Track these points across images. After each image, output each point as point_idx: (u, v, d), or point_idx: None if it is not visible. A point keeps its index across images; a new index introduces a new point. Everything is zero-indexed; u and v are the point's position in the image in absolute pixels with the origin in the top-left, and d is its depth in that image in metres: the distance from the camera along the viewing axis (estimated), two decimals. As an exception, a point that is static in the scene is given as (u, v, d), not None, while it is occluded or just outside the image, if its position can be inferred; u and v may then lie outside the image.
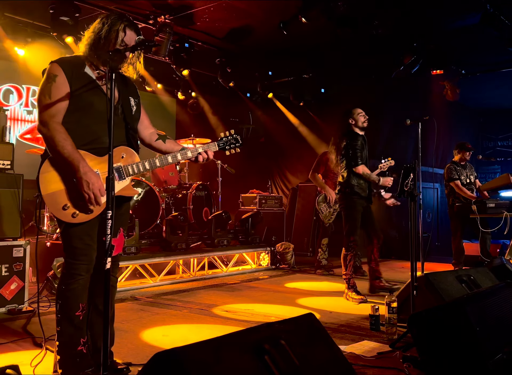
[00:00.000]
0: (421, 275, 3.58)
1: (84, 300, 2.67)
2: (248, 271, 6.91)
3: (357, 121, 4.91)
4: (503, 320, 2.94)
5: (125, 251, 5.42)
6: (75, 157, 2.49)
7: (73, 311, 2.61)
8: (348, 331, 3.68)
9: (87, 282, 2.68)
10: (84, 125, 2.60)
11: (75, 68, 2.62)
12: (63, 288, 2.63)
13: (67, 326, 2.60)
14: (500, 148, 10.89)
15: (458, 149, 6.53)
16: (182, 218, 6.08)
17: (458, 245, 6.31)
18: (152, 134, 2.93)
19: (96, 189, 2.51)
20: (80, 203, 2.55)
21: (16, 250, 4.17)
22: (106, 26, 2.60)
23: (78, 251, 2.62)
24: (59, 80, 2.56)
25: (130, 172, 2.67)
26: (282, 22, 6.60)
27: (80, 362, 2.60)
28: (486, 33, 6.50)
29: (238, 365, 1.78)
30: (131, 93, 2.84)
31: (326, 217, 6.61)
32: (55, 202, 2.53)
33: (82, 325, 2.65)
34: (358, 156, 4.79)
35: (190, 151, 2.80)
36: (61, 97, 2.55)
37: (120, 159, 2.65)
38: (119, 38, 2.60)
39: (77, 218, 2.55)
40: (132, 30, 2.65)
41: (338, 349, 2.24)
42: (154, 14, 6.81)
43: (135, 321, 4.00)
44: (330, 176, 6.67)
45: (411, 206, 3.56)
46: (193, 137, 7.52)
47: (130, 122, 2.76)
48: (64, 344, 2.60)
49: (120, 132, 2.69)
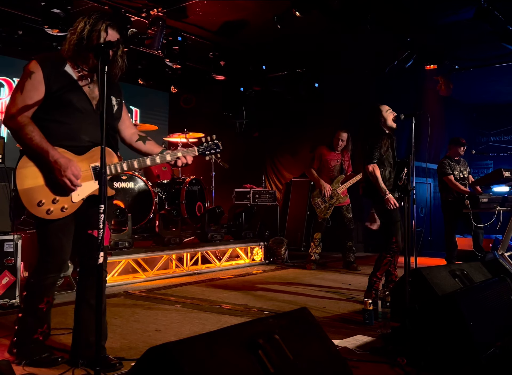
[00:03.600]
0: (415, 269, 3.58)
1: (50, 294, 2.77)
2: (241, 266, 6.90)
3: (387, 120, 4.43)
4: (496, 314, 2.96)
5: (118, 245, 5.40)
6: (43, 146, 2.52)
7: (37, 304, 2.72)
8: (342, 326, 3.69)
9: (57, 279, 2.80)
10: (63, 123, 2.62)
11: (55, 66, 2.63)
12: (32, 282, 2.74)
13: (28, 315, 2.74)
14: (493, 144, 10.93)
15: (452, 144, 6.54)
16: (175, 212, 6.06)
17: (451, 239, 6.33)
18: (133, 134, 2.95)
19: (69, 174, 2.53)
20: (56, 199, 2.58)
21: (7, 244, 4.13)
22: (88, 26, 2.60)
23: (52, 249, 2.69)
24: (35, 77, 2.58)
25: (107, 172, 2.67)
26: (276, 16, 6.57)
27: (34, 347, 2.73)
28: (480, 28, 6.51)
29: (232, 360, 1.77)
30: (113, 92, 2.82)
31: (322, 211, 6.61)
32: (31, 198, 2.55)
33: (44, 316, 2.77)
34: (374, 154, 4.34)
35: (170, 155, 2.80)
36: (33, 94, 2.57)
37: (98, 159, 2.59)
38: (101, 38, 2.60)
39: (52, 214, 2.57)
40: (114, 29, 2.66)
41: (331, 344, 2.24)
42: (147, 7, 6.74)
43: (128, 316, 3.98)
44: (325, 172, 6.67)
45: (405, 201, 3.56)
46: (186, 132, 7.49)
47: (111, 121, 2.76)
48: (22, 331, 2.73)
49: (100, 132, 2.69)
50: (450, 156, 6.49)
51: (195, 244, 6.48)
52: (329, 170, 6.66)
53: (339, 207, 6.66)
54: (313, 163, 6.72)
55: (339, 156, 6.70)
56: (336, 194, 6.57)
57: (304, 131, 9.41)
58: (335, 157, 6.68)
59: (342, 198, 6.61)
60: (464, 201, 5.90)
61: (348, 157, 6.82)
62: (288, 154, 10.11)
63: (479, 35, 6.97)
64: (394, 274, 4.62)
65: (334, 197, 6.58)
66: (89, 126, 2.66)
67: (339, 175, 6.65)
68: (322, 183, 6.57)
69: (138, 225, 6.18)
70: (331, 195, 6.57)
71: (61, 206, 2.59)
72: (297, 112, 9.71)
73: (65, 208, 2.60)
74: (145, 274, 5.68)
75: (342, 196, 6.60)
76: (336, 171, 6.67)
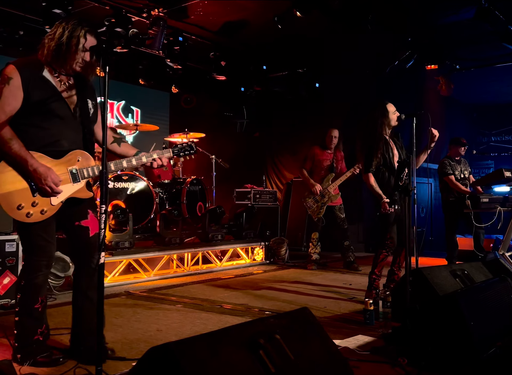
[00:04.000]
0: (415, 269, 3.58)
1: (43, 293, 2.82)
2: (242, 266, 6.90)
3: (391, 121, 4.38)
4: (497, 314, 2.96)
5: (119, 245, 5.40)
6: (22, 155, 2.57)
7: (32, 305, 2.76)
8: (342, 325, 3.69)
9: (47, 277, 2.84)
10: (43, 129, 2.67)
11: (33, 71, 2.67)
12: (23, 283, 2.77)
13: (25, 318, 2.76)
14: (494, 144, 10.92)
15: (453, 144, 6.54)
16: (176, 212, 6.06)
17: (452, 239, 6.33)
18: (108, 136, 2.96)
19: (50, 182, 2.60)
20: (35, 202, 2.63)
21: (9, 244, 4.14)
22: (67, 32, 2.65)
23: (37, 248, 2.74)
24: (13, 83, 2.60)
25: (85, 175, 2.76)
26: (277, 16, 6.57)
27: (36, 349, 2.76)
28: (481, 28, 6.50)
29: (233, 360, 1.77)
30: (89, 95, 2.88)
31: (315, 211, 6.59)
32: (10, 202, 2.60)
33: (41, 316, 2.81)
34: (371, 163, 4.34)
35: (145, 157, 2.90)
36: (11, 101, 2.60)
37: (76, 162, 2.74)
38: (80, 44, 2.66)
39: (31, 217, 2.63)
40: (93, 35, 2.72)
41: (332, 343, 2.24)
42: (148, 7, 6.75)
43: (129, 316, 3.98)
44: (317, 172, 6.67)
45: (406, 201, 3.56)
46: (187, 132, 7.49)
47: (87, 125, 2.84)
48: (22, 334, 2.76)
49: (77, 136, 2.79)
50: (451, 156, 6.49)
51: (196, 244, 6.48)
52: (321, 170, 6.66)
53: (332, 207, 6.64)
54: (305, 164, 6.73)
55: (331, 156, 6.70)
56: (327, 193, 6.55)
57: (305, 131, 9.41)
58: (328, 157, 6.69)
59: (334, 196, 6.59)
60: (465, 201, 5.90)
61: (342, 156, 6.82)
62: (289, 154, 10.11)
63: (479, 35, 6.97)
64: (397, 274, 4.61)
65: (325, 195, 6.56)
66: (68, 131, 2.74)
67: (328, 174, 6.65)
68: (311, 182, 6.57)
69: (139, 225, 6.18)
70: (323, 193, 6.54)
71: (40, 209, 2.65)
72: (297, 112, 9.71)
73: (44, 211, 2.66)
74: (146, 274, 5.68)
75: (333, 194, 6.58)
76: (327, 171, 6.68)
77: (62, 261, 4.74)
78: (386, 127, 4.45)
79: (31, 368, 2.72)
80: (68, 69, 2.72)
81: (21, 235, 2.79)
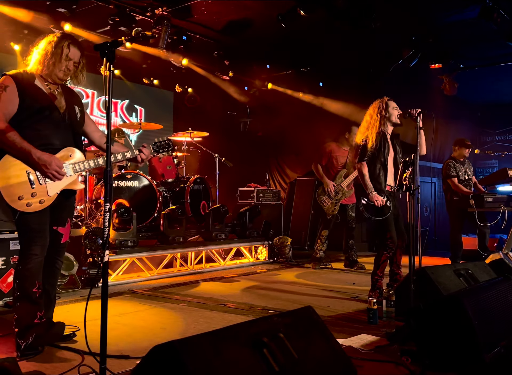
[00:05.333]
0: (419, 268, 3.58)
1: (40, 278, 3.02)
2: (245, 265, 6.91)
3: (391, 116, 4.40)
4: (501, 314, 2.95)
5: (123, 244, 5.42)
6: (25, 146, 2.87)
7: (30, 288, 2.96)
8: (346, 324, 3.68)
9: (42, 261, 3.03)
10: (36, 130, 2.98)
11: (26, 81, 3.00)
12: (20, 268, 2.98)
13: (25, 302, 2.95)
14: (498, 143, 10.88)
15: (457, 146, 6.50)
16: (180, 211, 6.07)
17: (456, 239, 6.32)
18: (101, 136, 3.37)
19: (54, 167, 2.92)
20: (34, 193, 2.90)
21: (13, 242, 4.16)
22: (52, 44, 3.02)
23: (34, 233, 2.98)
24: (10, 90, 2.92)
25: (76, 169, 3.07)
26: (280, 15, 6.56)
27: (36, 332, 2.93)
28: (485, 27, 6.47)
29: (237, 358, 1.78)
30: (76, 102, 3.24)
31: (329, 208, 6.57)
32: (12, 193, 2.87)
33: (39, 300, 3.01)
34: (365, 153, 4.36)
35: (129, 153, 3.20)
36: (8, 105, 2.91)
37: (68, 157, 3.07)
38: (63, 54, 3.02)
39: (31, 207, 2.91)
40: (75, 47, 3.09)
41: (336, 342, 2.24)
42: (152, 6, 6.76)
43: (133, 314, 4.00)
44: (332, 168, 6.65)
45: (410, 200, 3.55)
46: (191, 131, 7.49)
47: (76, 127, 3.19)
48: (22, 318, 2.94)
49: (68, 136, 3.12)
50: (455, 157, 6.46)
51: (200, 242, 6.49)
52: (337, 167, 6.64)
53: (345, 205, 6.64)
54: (321, 159, 6.68)
55: (347, 152, 6.68)
56: (341, 189, 6.54)
57: (308, 131, 9.40)
58: (344, 154, 6.66)
59: (347, 192, 6.58)
60: (469, 200, 5.89)
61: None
62: (292, 154, 10.10)
63: (484, 34, 6.94)
64: (399, 274, 4.61)
65: (339, 192, 6.55)
66: (59, 132, 3.06)
67: (341, 170, 6.64)
68: (326, 180, 6.55)
69: (143, 224, 6.20)
70: (336, 190, 6.54)
71: (39, 199, 2.93)
72: (301, 111, 9.69)
73: (42, 201, 2.94)
74: (150, 272, 5.70)
75: (347, 190, 6.57)
76: (342, 168, 6.66)
77: (67, 259, 4.75)
78: (387, 121, 4.44)
79: (34, 365, 2.73)
80: (54, 77, 3.06)
81: (19, 223, 2.99)
